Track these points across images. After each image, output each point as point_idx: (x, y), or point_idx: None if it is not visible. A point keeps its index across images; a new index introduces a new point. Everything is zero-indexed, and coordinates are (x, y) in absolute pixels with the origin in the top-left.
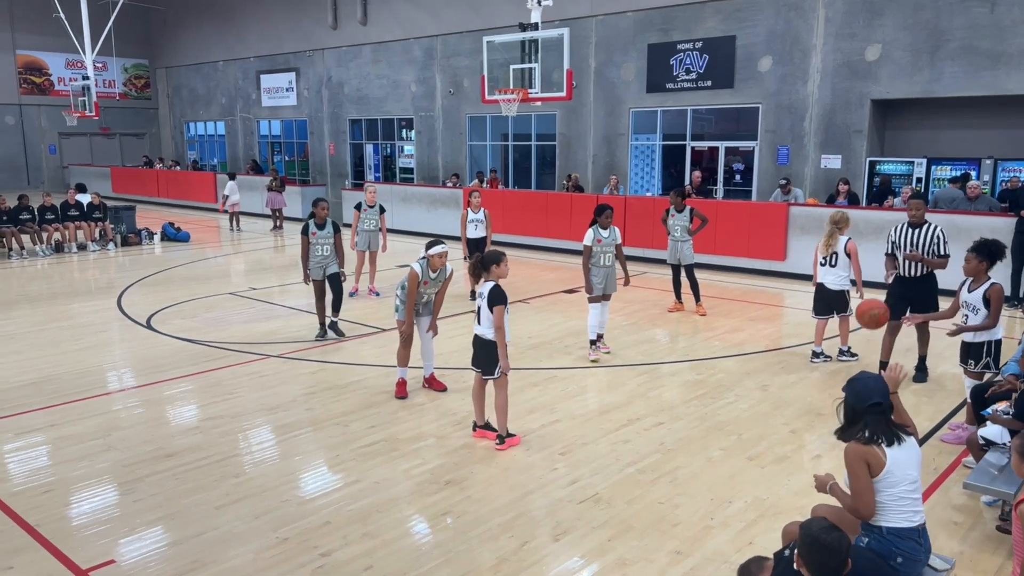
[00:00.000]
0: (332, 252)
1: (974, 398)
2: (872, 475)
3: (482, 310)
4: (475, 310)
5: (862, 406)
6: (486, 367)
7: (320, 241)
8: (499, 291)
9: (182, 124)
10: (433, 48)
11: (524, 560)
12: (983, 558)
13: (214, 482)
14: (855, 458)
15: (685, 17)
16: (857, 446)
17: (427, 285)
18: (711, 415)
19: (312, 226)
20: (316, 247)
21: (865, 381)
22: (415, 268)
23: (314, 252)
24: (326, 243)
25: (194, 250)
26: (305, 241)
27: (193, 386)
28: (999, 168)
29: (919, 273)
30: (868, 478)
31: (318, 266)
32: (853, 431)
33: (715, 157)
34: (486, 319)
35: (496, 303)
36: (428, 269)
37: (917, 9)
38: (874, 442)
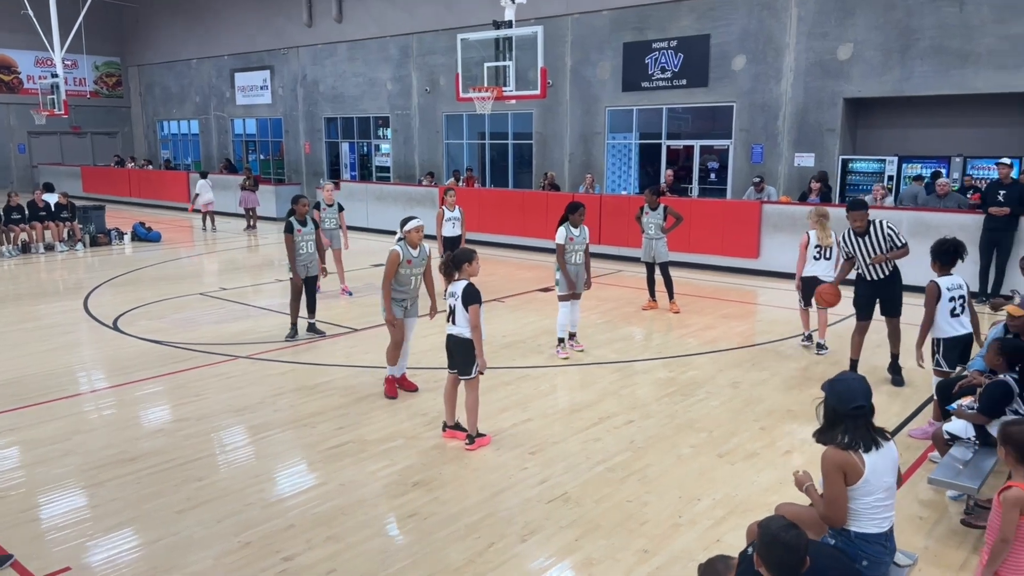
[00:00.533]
0: (315, 250)
1: (940, 394)
2: (849, 483)
3: (456, 309)
4: (447, 309)
5: (844, 408)
6: (462, 367)
7: (304, 238)
8: (473, 290)
9: (155, 123)
10: (409, 46)
11: (491, 561)
12: (948, 552)
13: (176, 486)
14: (832, 467)
15: (660, 16)
16: (836, 454)
17: (411, 264)
18: (682, 412)
19: (295, 223)
20: (301, 244)
21: (848, 382)
22: (395, 249)
23: (298, 250)
24: (309, 240)
25: (165, 250)
26: (290, 239)
27: (159, 388)
28: (968, 166)
29: (885, 274)
30: (843, 487)
31: (303, 264)
32: (832, 434)
33: (690, 156)
34: (461, 318)
35: (471, 302)
36: (408, 247)
37: (888, 9)
38: (853, 448)
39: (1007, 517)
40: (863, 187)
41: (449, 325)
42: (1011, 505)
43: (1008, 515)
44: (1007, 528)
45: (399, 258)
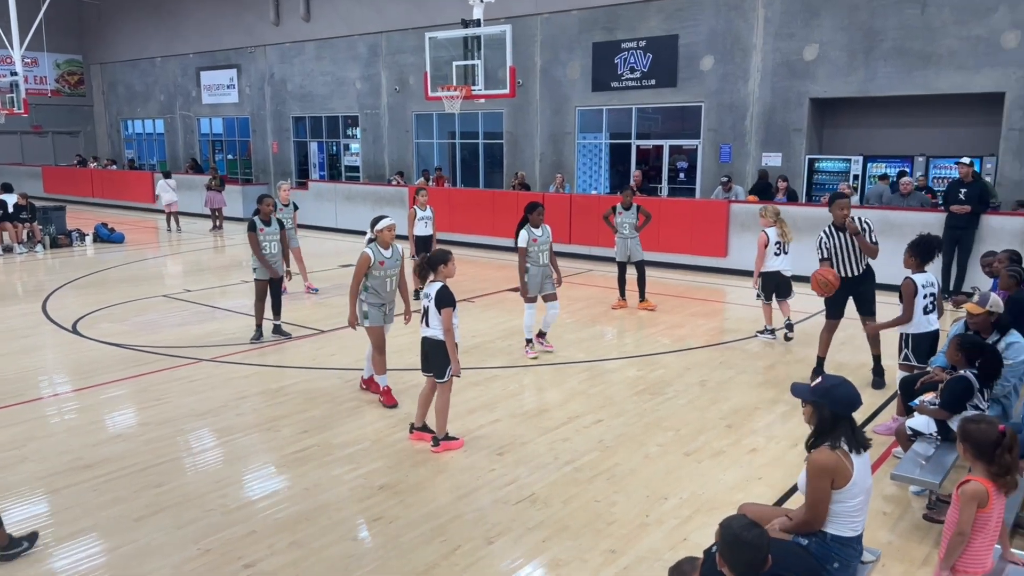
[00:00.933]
0: (279, 250)
1: (903, 390)
2: (837, 486)
3: (430, 311)
4: (421, 311)
5: (847, 413)
6: (437, 370)
7: (268, 238)
8: (446, 292)
9: (118, 122)
10: (378, 45)
11: (458, 564)
12: (911, 547)
13: (135, 493)
14: (821, 470)
15: (629, 16)
16: (828, 458)
17: (383, 266)
18: (650, 411)
19: (259, 223)
20: (264, 244)
21: (847, 387)
22: (366, 252)
23: (262, 249)
24: (274, 239)
25: (128, 252)
26: (254, 238)
27: (119, 392)
28: (931, 165)
29: (859, 271)
30: (829, 491)
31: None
32: (823, 440)
33: (660, 155)
34: (435, 320)
35: (444, 305)
36: (379, 249)
37: (852, 10)
38: (846, 452)
39: (965, 510)
40: (829, 186)
41: (423, 327)
42: (968, 499)
43: (966, 508)
44: (964, 521)
45: (370, 260)
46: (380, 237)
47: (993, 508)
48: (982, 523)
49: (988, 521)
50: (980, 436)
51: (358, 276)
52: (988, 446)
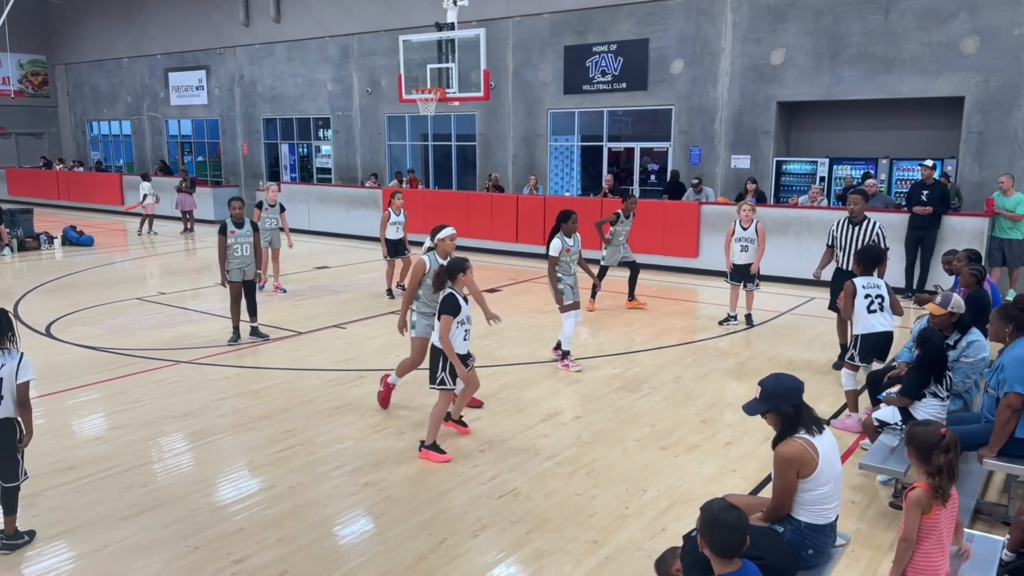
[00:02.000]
0: (252, 252)
1: (870, 385)
2: (804, 475)
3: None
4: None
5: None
6: (431, 375)
7: (239, 240)
8: (451, 300)
9: (84, 123)
10: (349, 47)
11: (443, 557)
12: (878, 534)
13: (120, 493)
14: (786, 462)
15: (600, 19)
16: (792, 449)
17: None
18: (627, 408)
19: (230, 225)
20: (235, 247)
21: (786, 380)
22: (423, 259)
23: (233, 252)
24: (245, 242)
25: (98, 254)
26: (223, 241)
27: (96, 395)
28: (894, 167)
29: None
30: (795, 481)
31: (238, 267)
32: (786, 432)
33: (631, 158)
34: (437, 329)
35: (444, 312)
36: (437, 257)
37: (818, 15)
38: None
39: (909, 518)
40: (797, 188)
41: (434, 334)
42: (912, 505)
43: (910, 515)
44: (909, 528)
45: (426, 268)
46: (441, 246)
47: (938, 515)
48: (928, 529)
49: (934, 528)
50: (923, 437)
51: (414, 283)
52: (928, 448)
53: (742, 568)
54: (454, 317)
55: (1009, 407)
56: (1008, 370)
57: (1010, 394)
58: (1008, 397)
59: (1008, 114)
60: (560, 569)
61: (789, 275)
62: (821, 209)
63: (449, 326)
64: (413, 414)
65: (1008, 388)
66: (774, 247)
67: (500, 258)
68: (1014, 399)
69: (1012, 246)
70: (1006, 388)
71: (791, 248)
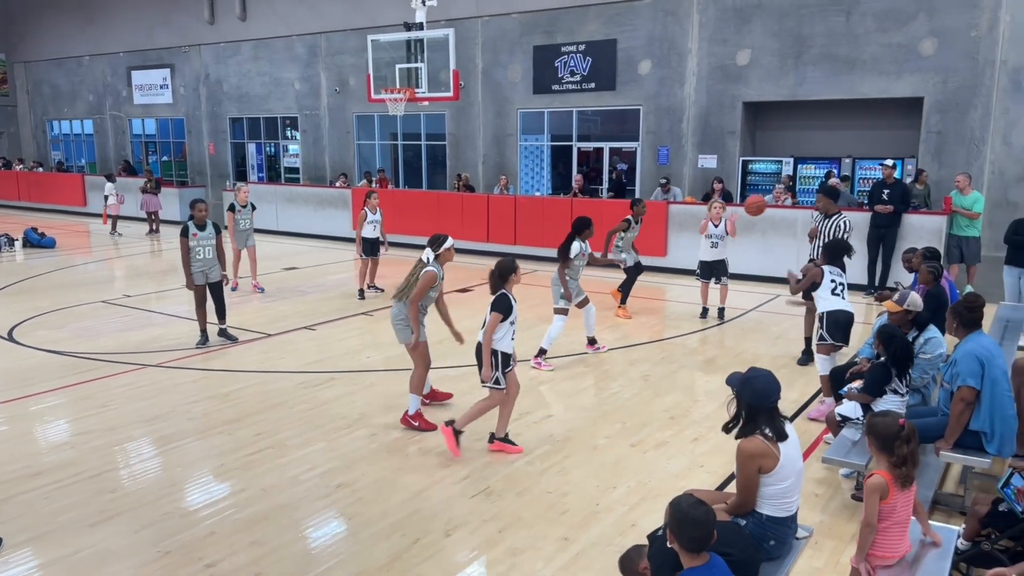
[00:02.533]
0: (214, 255)
1: (833, 379)
2: (765, 471)
3: (487, 318)
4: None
5: (763, 404)
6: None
7: (202, 243)
8: (505, 301)
9: (44, 123)
10: (317, 45)
11: (416, 556)
12: (840, 525)
13: (88, 499)
14: (747, 458)
15: (568, 20)
16: (753, 446)
17: (438, 285)
18: (597, 405)
19: (192, 227)
20: (197, 249)
21: (764, 379)
22: (432, 270)
23: (195, 255)
24: (208, 245)
25: (61, 256)
26: (185, 243)
27: (62, 400)
28: (857, 166)
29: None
30: (757, 476)
31: (199, 270)
32: (750, 428)
33: (600, 157)
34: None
35: (495, 309)
36: (440, 267)
37: (782, 17)
38: (771, 440)
39: (869, 503)
40: (762, 187)
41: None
42: (871, 491)
43: (869, 501)
44: (869, 513)
45: (436, 280)
46: (444, 256)
47: (895, 499)
48: (887, 513)
49: (893, 511)
50: (883, 428)
51: (423, 293)
52: (889, 438)
53: (709, 562)
54: (506, 317)
55: (962, 400)
56: (960, 364)
57: (963, 388)
58: (961, 391)
59: (965, 114)
60: (532, 566)
61: (755, 273)
62: (786, 208)
63: (497, 324)
64: (385, 415)
65: (961, 382)
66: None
67: (471, 258)
68: (967, 392)
69: (969, 243)
70: (959, 382)
71: (757, 246)
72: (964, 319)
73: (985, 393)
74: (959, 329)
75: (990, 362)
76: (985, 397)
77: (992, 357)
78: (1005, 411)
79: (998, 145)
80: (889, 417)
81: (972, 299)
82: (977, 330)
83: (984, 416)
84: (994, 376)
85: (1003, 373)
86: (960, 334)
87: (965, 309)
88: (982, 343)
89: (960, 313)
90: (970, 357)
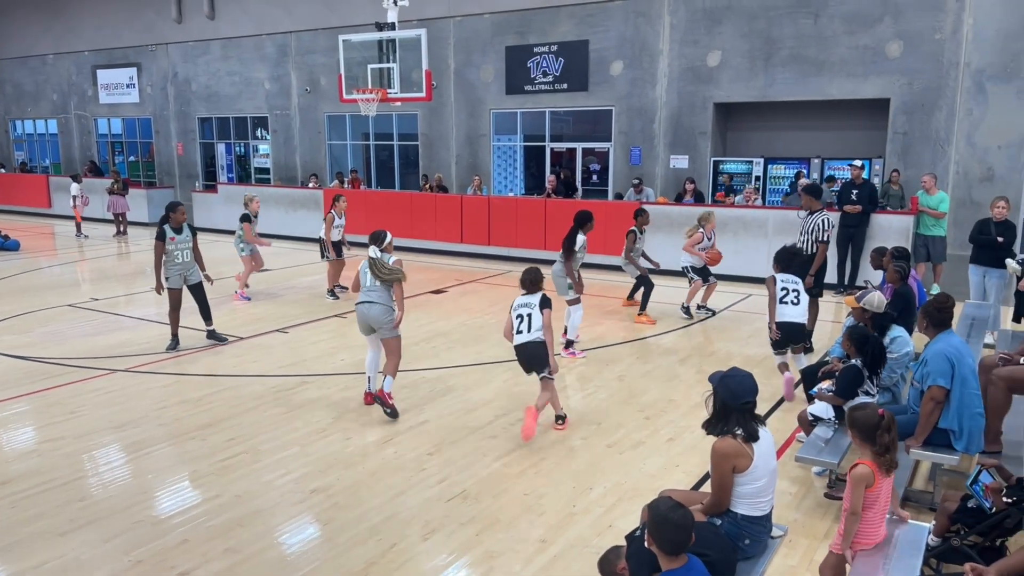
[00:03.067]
0: (192, 258)
1: (804, 380)
2: (739, 470)
3: (532, 318)
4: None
5: (735, 403)
6: (540, 366)
7: (179, 247)
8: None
9: (7, 122)
10: (287, 45)
11: (393, 561)
12: (814, 523)
13: (57, 508)
14: (722, 457)
15: (540, 20)
16: (727, 445)
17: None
18: (573, 407)
19: (169, 231)
20: (176, 253)
21: (740, 379)
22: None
23: (173, 259)
24: (185, 248)
25: (25, 259)
26: (160, 247)
27: (28, 407)
28: (826, 167)
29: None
30: (731, 475)
31: (177, 274)
32: (722, 426)
33: (573, 158)
34: (536, 325)
35: (547, 306)
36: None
37: (751, 19)
38: (743, 439)
39: (855, 492)
40: (733, 187)
41: (524, 334)
42: (857, 481)
43: (855, 490)
44: (855, 502)
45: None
46: (388, 249)
47: (880, 487)
48: (871, 501)
49: (877, 499)
50: (864, 420)
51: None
52: (871, 429)
53: (687, 564)
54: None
55: (932, 399)
56: (931, 364)
57: (933, 387)
58: (931, 390)
59: (930, 115)
60: (510, 569)
61: (728, 272)
62: (757, 208)
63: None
64: (361, 417)
65: (931, 381)
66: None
67: (445, 259)
68: (936, 391)
69: (936, 243)
70: (929, 381)
71: (728, 246)
72: (934, 319)
73: (955, 392)
74: (929, 328)
75: (960, 361)
76: (955, 396)
77: (962, 356)
78: (973, 409)
79: (962, 145)
80: (869, 408)
81: (942, 299)
82: (947, 329)
83: (953, 414)
84: (963, 375)
85: (972, 372)
86: (930, 333)
87: (935, 309)
88: (952, 343)
89: (930, 313)
90: (940, 357)
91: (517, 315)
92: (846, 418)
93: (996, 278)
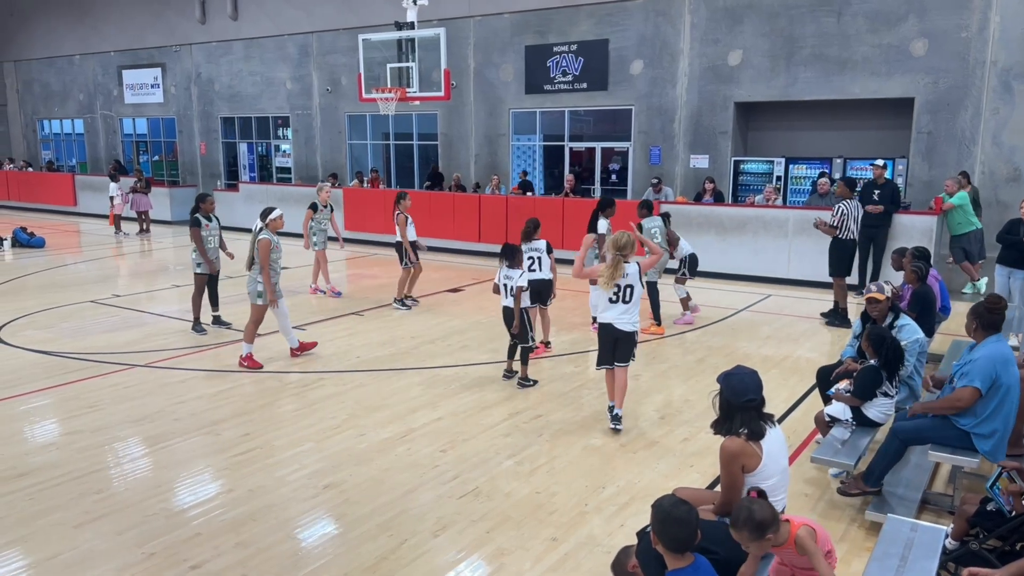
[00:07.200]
0: (218, 245)
1: (820, 380)
2: (749, 470)
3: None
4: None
5: (738, 401)
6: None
7: (211, 233)
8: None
9: (34, 122)
10: (308, 45)
11: (404, 557)
12: (829, 524)
13: (73, 500)
14: (730, 457)
15: (560, 20)
16: (734, 444)
17: (276, 250)
18: (587, 406)
19: (202, 219)
20: (208, 239)
21: (741, 377)
22: (266, 237)
23: (207, 243)
24: (216, 235)
25: (50, 256)
26: (197, 232)
27: (48, 400)
28: (848, 166)
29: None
30: (740, 475)
31: (212, 258)
32: (728, 425)
33: (592, 157)
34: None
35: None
36: (272, 234)
37: (772, 17)
38: (748, 438)
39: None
40: (754, 187)
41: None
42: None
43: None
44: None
45: (271, 244)
46: (274, 224)
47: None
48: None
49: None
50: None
51: (267, 260)
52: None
53: (694, 563)
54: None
55: (964, 398)
56: (977, 364)
57: (970, 387)
58: (968, 389)
59: (956, 114)
60: (520, 567)
61: (746, 273)
62: (777, 208)
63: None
64: (375, 414)
65: (969, 381)
66: (731, 246)
67: (463, 258)
68: (971, 393)
69: (969, 240)
70: (966, 380)
71: (748, 247)
72: (984, 320)
73: (996, 398)
74: (978, 331)
75: (1005, 369)
76: (994, 401)
77: (1008, 364)
78: (1010, 417)
79: (988, 145)
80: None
81: (995, 300)
82: (997, 333)
83: (993, 420)
84: (1009, 383)
85: (1017, 380)
86: (979, 336)
87: (986, 310)
88: (1002, 349)
89: (980, 314)
90: (988, 362)
91: (529, 257)
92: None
93: (1021, 279)
